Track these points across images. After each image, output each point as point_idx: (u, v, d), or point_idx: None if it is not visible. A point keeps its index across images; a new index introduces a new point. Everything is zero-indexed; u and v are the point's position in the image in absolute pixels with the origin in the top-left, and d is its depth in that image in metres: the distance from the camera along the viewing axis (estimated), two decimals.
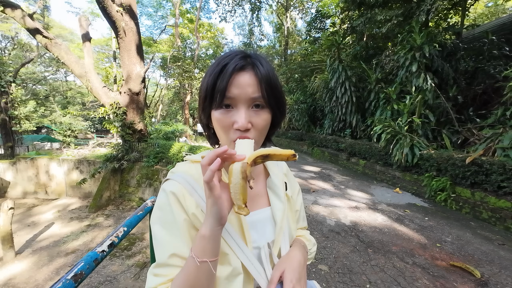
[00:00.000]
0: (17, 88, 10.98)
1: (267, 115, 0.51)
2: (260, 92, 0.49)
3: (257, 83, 0.49)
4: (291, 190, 0.69)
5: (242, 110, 0.48)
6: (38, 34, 6.53)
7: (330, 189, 5.19)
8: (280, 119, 0.58)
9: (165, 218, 0.49)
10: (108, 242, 0.59)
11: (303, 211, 0.77)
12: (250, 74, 0.49)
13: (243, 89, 0.47)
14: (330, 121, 9.26)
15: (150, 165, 6.99)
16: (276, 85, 0.52)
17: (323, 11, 14.44)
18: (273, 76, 0.51)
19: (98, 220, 6.26)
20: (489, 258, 2.56)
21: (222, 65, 0.49)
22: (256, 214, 0.59)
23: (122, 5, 6.36)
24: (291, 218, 0.65)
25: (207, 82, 0.50)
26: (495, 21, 8.10)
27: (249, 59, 0.50)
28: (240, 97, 0.48)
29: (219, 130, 0.51)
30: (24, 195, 8.58)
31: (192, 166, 0.58)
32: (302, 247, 0.63)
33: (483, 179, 3.73)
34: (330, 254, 2.67)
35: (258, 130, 0.50)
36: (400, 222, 3.51)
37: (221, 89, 0.47)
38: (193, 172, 0.55)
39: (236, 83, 0.48)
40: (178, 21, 19.23)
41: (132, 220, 0.73)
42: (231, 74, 0.47)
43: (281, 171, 0.70)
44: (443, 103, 5.40)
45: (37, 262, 4.64)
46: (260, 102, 0.49)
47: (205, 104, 0.52)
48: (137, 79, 7.05)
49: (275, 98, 0.52)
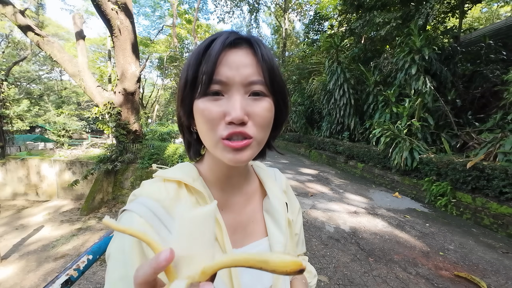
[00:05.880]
0: (9, 87, 10.74)
1: (270, 106, 0.39)
2: (260, 75, 0.37)
3: (255, 63, 0.37)
4: (291, 212, 0.57)
5: (236, 97, 0.36)
6: (30, 32, 6.35)
7: (328, 193, 5.09)
8: (284, 116, 0.45)
9: (119, 271, 0.34)
10: (63, 278, 0.46)
11: (303, 233, 0.63)
12: (246, 52, 0.38)
13: (237, 70, 0.36)
14: (328, 123, 9.19)
15: (145, 166, 6.84)
16: (278, 70, 0.40)
17: (322, 13, 14.44)
18: (275, 59, 0.40)
19: (90, 223, 6.07)
20: (495, 268, 2.47)
21: (209, 41, 0.37)
22: (250, 249, 0.46)
23: (117, 3, 6.22)
24: (291, 248, 0.52)
25: (188, 63, 0.38)
26: (491, 26, 8.15)
27: (243, 37, 0.39)
28: (233, 80, 0.36)
29: (203, 127, 0.38)
30: (13, 196, 8.33)
31: (162, 187, 0.42)
32: (303, 284, 0.52)
33: (484, 184, 3.66)
34: (330, 263, 2.55)
35: (258, 124, 0.37)
36: (401, 229, 3.41)
37: (207, 70, 0.35)
38: (162, 197, 0.40)
39: (227, 62, 0.36)
40: (176, 22, 19.10)
41: (102, 245, 0.58)
42: (221, 50, 0.36)
43: (280, 189, 0.56)
44: (442, 106, 5.36)
45: (24, 267, 4.44)
46: (260, 89, 0.37)
47: (185, 94, 0.39)
48: (132, 78, 6.90)
49: (279, 86, 0.40)
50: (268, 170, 0.59)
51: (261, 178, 0.54)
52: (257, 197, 0.52)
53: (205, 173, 0.47)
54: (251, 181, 0.52)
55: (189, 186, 0.43)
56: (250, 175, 0.53)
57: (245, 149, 0.37)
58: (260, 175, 0.54)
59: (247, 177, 0.51)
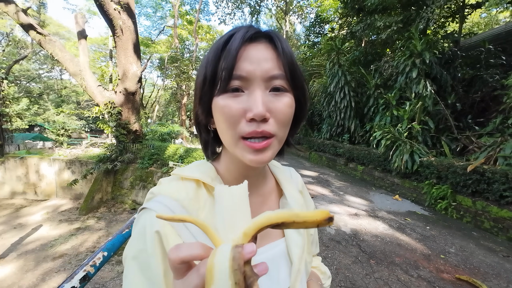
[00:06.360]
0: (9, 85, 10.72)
1: (291, 101, 0.38)
2: (281, 69, 0.36)
3: (276, 57, 0.37)
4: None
5: (257, 92, 0.35)
6: (31, 30, 6.36)
7: (328, 195, 5.09)
8: (304, 113, 0.44)
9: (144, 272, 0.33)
10: (81, 274, 0.47)
11: (317, 234, 0.62)
12: (266, 46, 0.37)
13: (258, 65, 0.35)
14: (328, 125, 9.21)
15: (145, 167, 6.82)
16: (297, 65, 0.39)
17: (322, 16, 14.52)
18: (294, 54, 0.39)
19: (89, 223, 6.03)
20: (495, 271, 2.48)
21: (227, 36, 0.36)
22: (266, 250, 0.44)
23: (120, 3, 6.24)
24: (307, 250, 0.50)
25: (207, 60, 0.38)
26: (491, 31, 8.22)
27: (262, 31, 0.38)
28: (254, 75, 0.35)
29: (223, 124, 0.37)
30: (12, 195, 8.27)
31: (181, 186, 0.41)
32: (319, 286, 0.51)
33: (484, 188, 3.68)
34: (332, 265, 2.55)
35: (279, 121, 0.36)
36: (401, 231, 3.42)
37: (227, 65, 0.34)
38: (182, 196, 0.39)
39: (248, 56, 0.35)
40: (177, 22, 19.15)
41: (115, 242, 0.58)
42: (240, 45, 0.35)
43: (296, 188, 0.54)
44: (442, 110, 5.39)
45: (22, 267, 4.41)
46: (281, 84, 0.37)
47: (203, 91, 0.38)
48: (133, 78, 6.90)
49: (299, 81, 0.39)
50: (284, 169, 0.58)
51: (278, 178, 0.52)
52: (274, 197, 0.51)
53: (223, 172, 0.46)
54: (268, 181, 0.51)
55: (207, 186, 0.42)
56: (267, 175, 0.52)
57: (266, 149, 0.36)
58: (276, 175, 0.53)
59: (264, 177, 0.50)
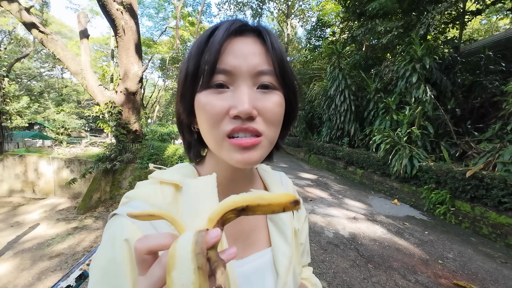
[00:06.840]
0: (10, 83, 10.73)
1: (281, 100, 0.35)
2: (270, 65, 0.33)
3: (264, 52, 0.34)
4: (297, 220, 0.52)
5: (243, 88, 0.32)
6: (34, 29, 6.38)
7: (327, 198, 5.09)
8: (295, 113, 0.41)
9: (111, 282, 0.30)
10: (77, 272, 0.47)
11: (308, 243, 0.57)
12: (254, 41, 0.34)
13: (244, 59, 0.32)
14: (328, 128, 9.23)
15: (144, 167, 6.82)
16: (287, 62, 0.37)
17: (324, 20, 14.62)
18: (285, 51, 0.37)
19: (87, 222, 6.01)
20: (493, 278, 2.47)
21: (211, 29, 0.34)
22: (251, 261, 0.41)
23: (123, 3, 6.28)
24: (296, 260, 0.46)
25: (189, 54, 0.35)
26: (491, 37, 8.27)
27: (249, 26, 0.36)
28: (239, 70, 0.32)
29: (205, 124, 0.33)
30: (10, 193, 8.25)
31: (158, 190, 0.37)
32: None
33: (483, 194, 3.67)
34: (329, 268, 2.54)
35: (269, 120, 0.33)
36: (400, 236, 3.41)
37: (210, 58, 0.31)
38: (159, 201, 0.36)
39: (232, 50, 0.32)
40: (179, 24, 19.26)
41: None
42: (225, 38, 0.32)
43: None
44: (442, 115, 5.41)
45: (18, 265, 4.38)
46: (270, 80, 0.34)
47: (185, 87, 0.35)
48: (135, 78, 6.92)
49: (290, 79, 0.36)
50: (274, 174, 0.55)
51: (266, 183, 0.49)
52: None
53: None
54: (255, 186, 0.47)
55: None
56: (255, 179, 0.48)
57: (255, 148, 0.33)
58: (265, 179, 0.50)
59: (251, 181, 0.47)
